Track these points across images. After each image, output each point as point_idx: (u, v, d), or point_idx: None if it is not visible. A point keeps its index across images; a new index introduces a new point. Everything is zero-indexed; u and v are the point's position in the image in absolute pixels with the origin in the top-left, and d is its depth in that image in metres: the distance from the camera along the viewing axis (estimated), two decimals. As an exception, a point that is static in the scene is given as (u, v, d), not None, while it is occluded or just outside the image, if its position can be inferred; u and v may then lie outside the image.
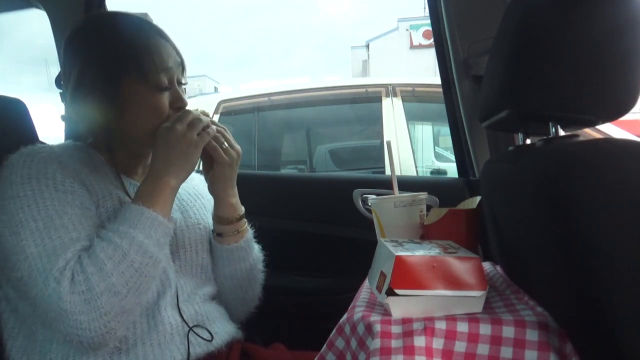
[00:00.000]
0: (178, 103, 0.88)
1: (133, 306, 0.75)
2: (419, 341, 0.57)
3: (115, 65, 0.84)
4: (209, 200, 1.05)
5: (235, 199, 0.98)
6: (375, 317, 0.62)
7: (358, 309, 0.67)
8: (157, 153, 0.83)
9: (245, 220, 1.00)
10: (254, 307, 1.06)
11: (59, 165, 0.80)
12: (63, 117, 1.01)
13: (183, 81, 0.91)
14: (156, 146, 0.83)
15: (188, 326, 0.86)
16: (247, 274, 1.02)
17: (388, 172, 2.02)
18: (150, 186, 0.81)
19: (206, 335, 0.88)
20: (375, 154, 3.02)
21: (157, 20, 0.94)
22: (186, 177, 0.85)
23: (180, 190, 0.99)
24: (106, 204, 0.82)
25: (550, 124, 0.64)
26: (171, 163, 0.82)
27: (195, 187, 1.05)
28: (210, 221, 1.01)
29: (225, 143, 0.93)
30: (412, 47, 18.91)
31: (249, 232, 1.02)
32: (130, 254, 0.74)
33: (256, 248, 1.04)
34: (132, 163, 0.92)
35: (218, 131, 0.92)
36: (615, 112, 0.60)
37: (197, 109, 0.90)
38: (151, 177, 0.81)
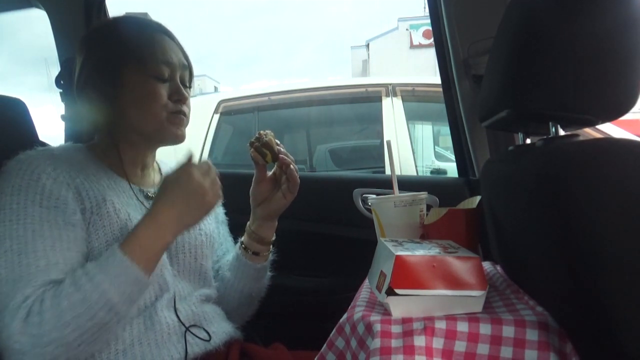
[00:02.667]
0: (177, 95, 0.89)
1: (82, 354, 0.72)
2: (419, 341, 0.57)
3: (116, 54, 0.87)
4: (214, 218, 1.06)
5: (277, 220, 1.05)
6: (375, 317, 0.62)
7: (358, 308, 0.67)
8: (164, 198, 0.77)
9: None
10: (244, 321, 1.08)
11: (53, 172, 0.79)
12: (63, 117, 1.01)
13: (188, 84, 0.93)
14: (162, 190, 0.78)
15: (184, 326, 0.86)
16: (258, 293, 1.07)
17: (388, 171, 2.02)
18: (146, 235, 0.76)
19: (203, 335, 0.88)
20: (375, 153, 3.02)
21: (158, 20, 0.95)
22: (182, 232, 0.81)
23: None
24: (100, 211, 0.81)
25: (550, 123, 0.64)
26: (177, 212, 0.77)
27: None
28: (212, 228, 1.02)
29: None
30: (412, 46, 18.90)
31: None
32: (95, 309, 0.70)
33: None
34: (130, 163, 0.92)
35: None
36: (615, 112, 0.60)
37: (267, 131, 0.98)
38: (151, 224, 0.77)
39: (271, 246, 1.06)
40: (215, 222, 1.06)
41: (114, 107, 0.87)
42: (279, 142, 0.99)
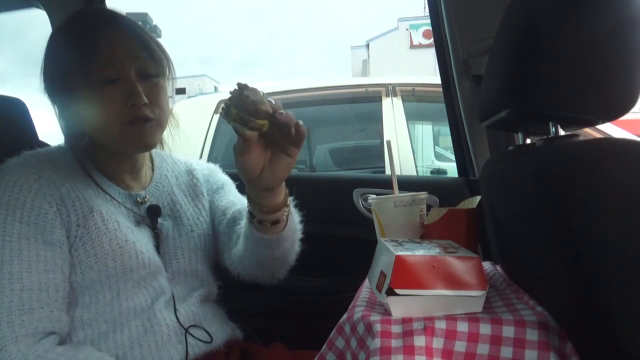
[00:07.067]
0: (132, 99, 0.79)
1: None
2: (419, 341, 0.57)
3: (60, 62, 0.83)
4: (205, 196, 1.00)
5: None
6: (375, 317, 0.62)
7: (358, 308, 0.67)
8: None
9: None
10: (292, 263, 0.96)
11: (35, 183, 0.77)
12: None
13: (154, 71, 0.83)
14: None
15: (183, 328, 0.85)
16: (295, 241, 0.93)
17: (388, 171, 2.02)
18: None
19: (204, 336, 0.88)
20: (376, 153, 3.02)
21: (160, 20, 0.93)
22: None
23: (174, 189, 0.95)
24: (87, 224, 0.79)
25: (550, 123, 0.64)
26: None
27: (191, 181, 1.00)
28: (205, 227, 0.97)
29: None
30: (412, 46, 18.92)
31: (291, 203, 0.88)
32: None
33: (294, 212, 0.91)
34: (117, 168, 0.89)
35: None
36: (615, 112, 0.60)
37: (253, 88, 0.70)
38: None
39: (289, 203, 0.86)
40: (208, 196, 1.00)
41: (75, 118, 0.84)
42: (270, 99, 0.72)
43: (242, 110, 0.69)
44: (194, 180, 1.00)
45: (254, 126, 0.70)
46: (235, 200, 1.00)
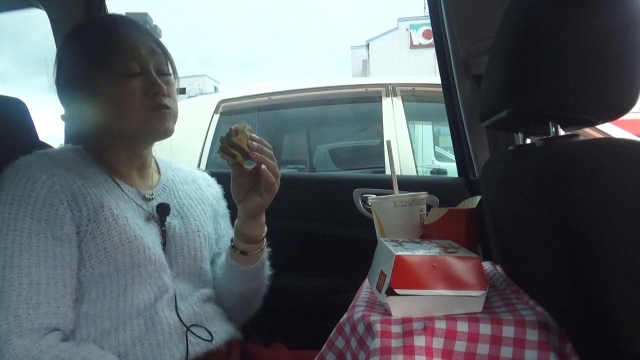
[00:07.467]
0: (154, 89, 0.85)
1: None
2: (419, 341, 0.57)
3: (82, 60, 0.86)
4: (209, 206, 1.04)
5: (264, 217, 0.97)
6: (375, 317, 0.62)
7: (358, 308, 0.67)
8: None
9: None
10: (252, 315, 1.06)
11: (48, 180, 0.79)
12: (63, 117, 1.01)
13: (167, 70, 0.90)
14: None
15: (185, 326, 0.86)
16: (257, 290, 1.02)
17: (388, 171, 2.02)
18: None
19: (205, 335, 0.88)
20: (376, 153, 3.02)
21: (160, 20, 0.95)
22: None
23: (180, 193, 0.99)
24: (97, 218, 0.80)
25: (550, 123, 0.64)
26: None
27: (196, 190, 1.04)
28: (209, 229, 1.00)
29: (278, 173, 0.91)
30: (412, 46, 18.91)
31: (266, 249, 1.00)
32: None
33: (267, 264, 1.03)
34: (126, 165, 0.92)
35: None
36: (615, 112, 0.60)
37: (239, 126, 0.88)
38: None
39: (262, 246, 0.98)
40: (213, 218, 1.05)
41: (94, 112, 0.86)
42: (255, 135, 0.90)
43: (226, 137, 0.88)
44: (199, 191, 1.04)
45: (227, 151, 0.88)
46: (228, 232, 1.07)
